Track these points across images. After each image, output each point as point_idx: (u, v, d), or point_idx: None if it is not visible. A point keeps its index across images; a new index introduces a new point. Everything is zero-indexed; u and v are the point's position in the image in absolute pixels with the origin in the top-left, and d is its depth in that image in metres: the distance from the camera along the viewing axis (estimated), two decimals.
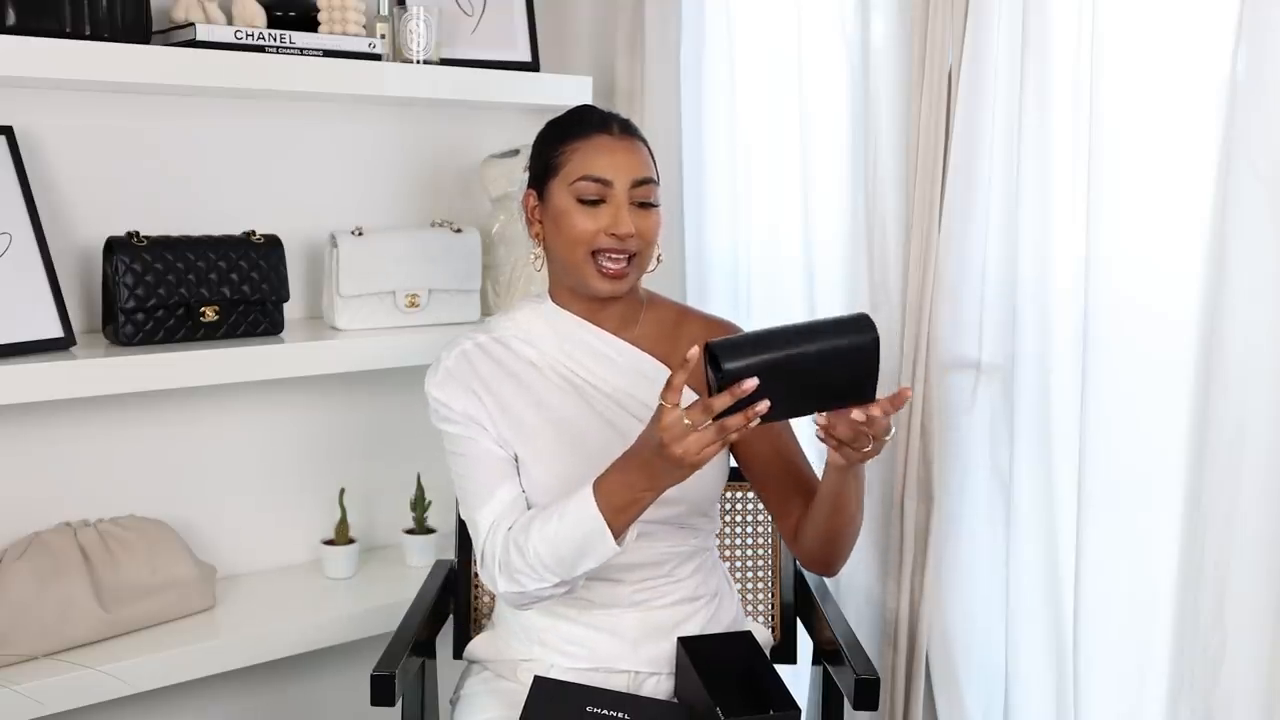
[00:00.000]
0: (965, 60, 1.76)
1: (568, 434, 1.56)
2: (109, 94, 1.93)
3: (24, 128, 1.85)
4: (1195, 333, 1.50)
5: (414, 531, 2.24)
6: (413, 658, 1.66)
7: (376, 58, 2.03)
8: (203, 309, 1.90)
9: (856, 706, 1.56)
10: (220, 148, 2.06)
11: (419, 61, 2.09)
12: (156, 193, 2.00)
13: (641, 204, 1.55)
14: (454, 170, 2.33)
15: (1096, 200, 1.58)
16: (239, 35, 1.90)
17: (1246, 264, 1.42)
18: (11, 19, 1.71)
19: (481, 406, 1.57)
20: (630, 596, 1.59)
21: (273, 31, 1.93)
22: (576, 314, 1.62)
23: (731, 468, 1.66)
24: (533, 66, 2.27)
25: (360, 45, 2.02)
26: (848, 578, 1.98)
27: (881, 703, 1.88)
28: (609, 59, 2.41)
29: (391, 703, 1.56)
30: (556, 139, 1.59)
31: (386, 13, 2.12)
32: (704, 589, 1.64)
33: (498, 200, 2.23)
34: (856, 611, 1.98)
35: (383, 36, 2.09)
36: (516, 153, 2.17)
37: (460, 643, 1.81)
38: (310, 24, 2.02)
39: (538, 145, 1.63)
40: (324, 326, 2.11)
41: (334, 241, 2.06)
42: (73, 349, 1.81)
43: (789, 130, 2.11)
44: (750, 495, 1.87)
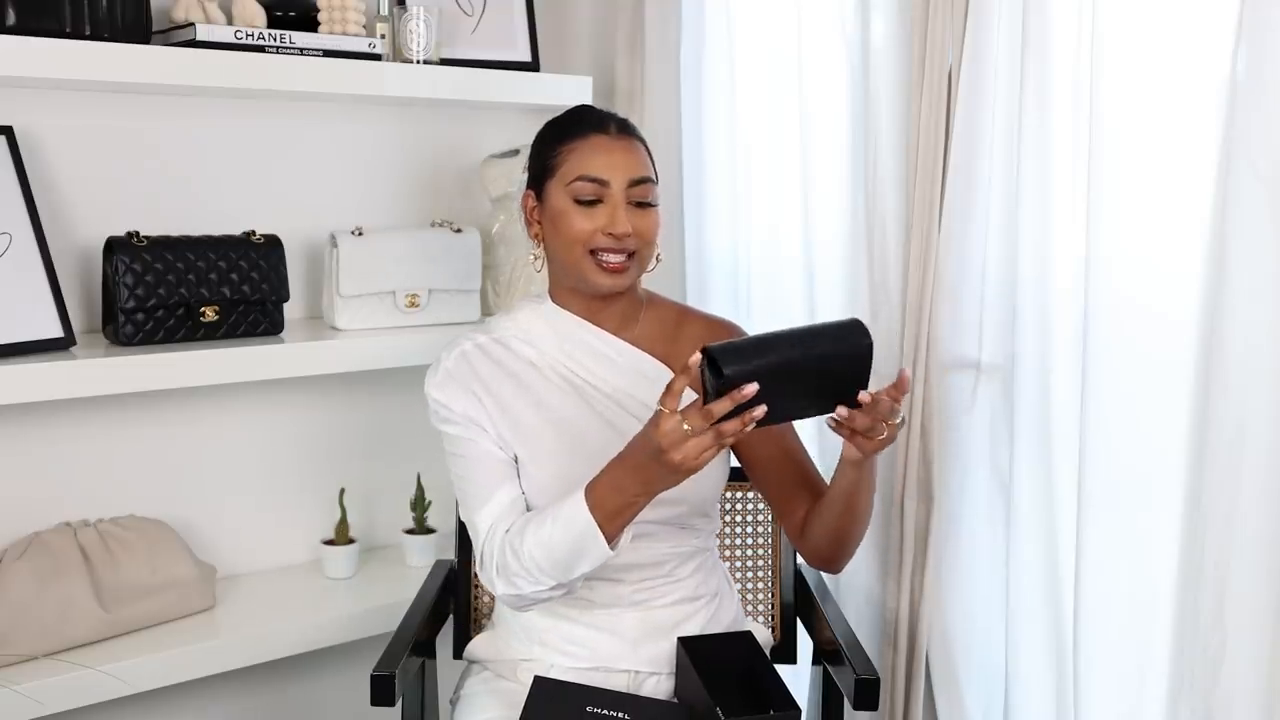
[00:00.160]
0: (965, 60, 1.76)
1: (568, 434, 1.56)
2: (109, 94, 1.93)
3: (24, 128, 1.85)
4: (1195, 333, 1.50)
5: (414, 531, 2.23)
6: (413, 658, 1.66)
7: (376, 58, 2.03)
8: (203, 309, 1.90)
9: (856, 706, 1.56)
10: (220, 148, 2.06)
11: (419, 61, 2.09)
12: (156, 193, 2.00)
13: (639, 203, 1.55)
14: (454, 170, 2.33)
15: (1096, 200, 1.58)
16: (239, 35, 1.90)
17: (1246, 264, 1.42)
18: (11, 19, 1.71)
19: (481, 408, 1.56)
20: (631, 596, 1.59)
21: (273, 31, 1.93)
22: (576, 314, 1.62)
23: (732, 467, 1.66)
24: (533, 66, 2.27)
25: (360, 45, 2.02)
26: (848, 578, 1.98)
27: (881, 703, 1.88)
28: (609, 59, 2.41)
29: (391, 703, 1.56)
30: (554, 139, 1.59)
31: (386, 13, 2.12)
32: (704, 589, 1.64)
33: (498, 200, 2.23)
34: (856, 611, 1.98)
35: (383, 36, 2.09)
36: (516, 153, 2.16)
37: (460, 643, 1.81)
38: (310, 24, 2.02)
39: (536, 146, 1.62)
40: (324, 326, 2.11)
41: (334, 241, 2.06)
42: (73, 349, 1.81)
43: (789, 130, 2.11)
44: (750, 495, 1.87)
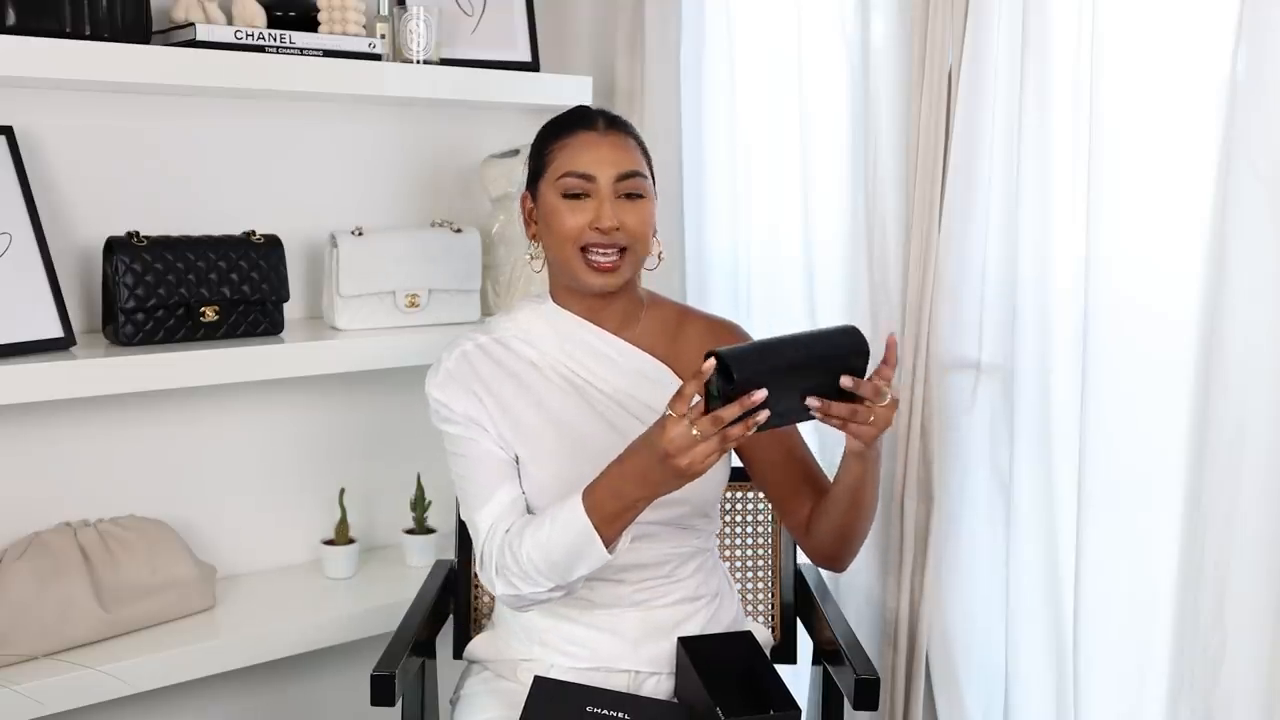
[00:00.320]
0: (965, 60, 1.76)
1: (568, 435, 1.56)
2: (109, 94, 1.93)
3: (24, 128, 1.85)
4: (1195, 333, 1.50)
5: (414, 531, 2.23)
6: (413, 658, 1.65)
7: (376, 58, 2.03)
8: (203, 309, 1.90)
9: (856, 706, 1.56)
10: (220, 148, 2.06)
11: (419, 61, 2.09)
12: (156, 193, 2.00)
13: (629, 196, 1.55)
14: (454, 170, 2.33)
15: (1096, 200, 1.58)
16: (239, 35, 1.90)
17: (1246, 264, 1.42)
18: (11, 19, 1.71)
19: (482, 408, 1.56)
20: (631, 596, 1.59)
21: (273, 31, 1.93)
22: (577, 314, 1.62)
23: (733, 468, 1.66)
24: (533, 66, 2.27)
25: (360, 45, 2.02)
26: (847, 578, 1.98)
27: (881, 703, 1.88)
28: (609, 59, 2.41)
29: (391, 703, 1.56)
30: (545, 139, 1.60)
31: (386, 13, 2.12)
32: (704, 589, 1.64)
33: (498, 200, 2.23)
34: (856, 611, 1.98)
35: (383, 36, 2.09)
36: (516, 153, 2.16)
37: (460, 643, 1.81)
38: (310, 24, 2.02)
39: (532, 147, 1.63)
40: (324, 326, 2.11)
41: (334, 241, 2.06)
42: (73, 349, 1.81)
43: (789, 130, 2.11)
44: (750, 495, 1.87)
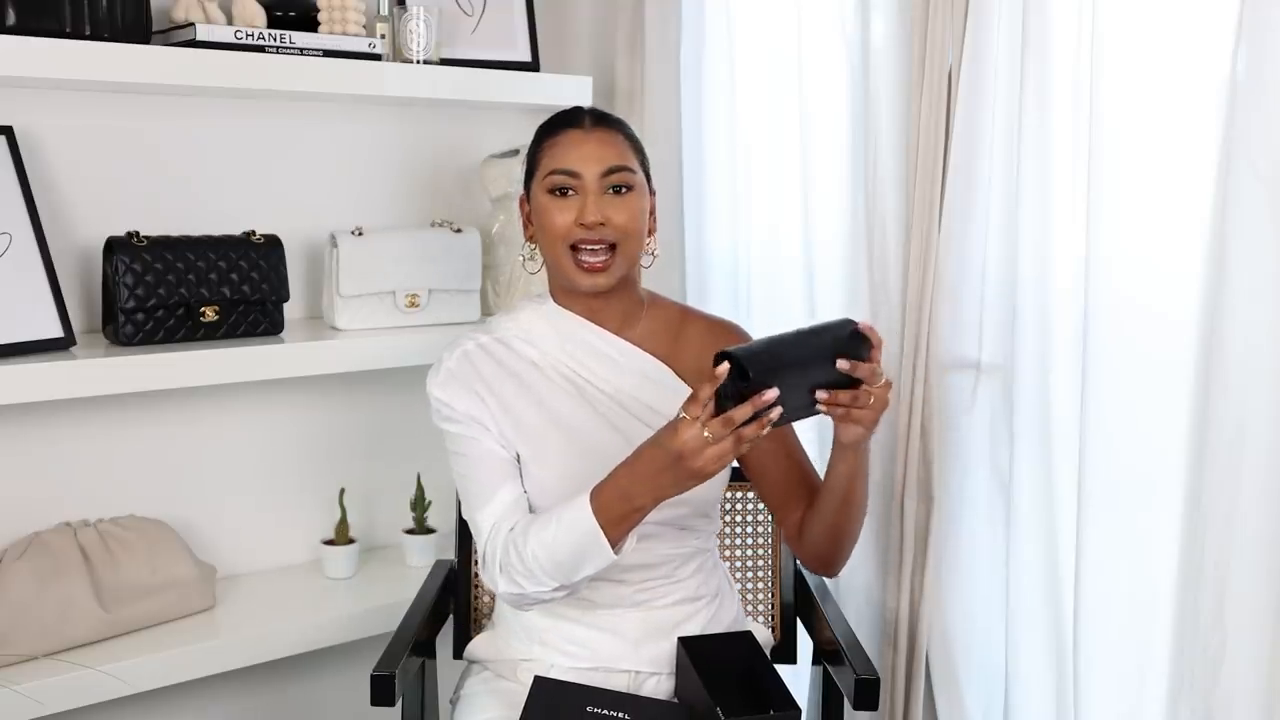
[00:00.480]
0: (965, 60, 1.76)
1: (570, 434, 1.56)
2: (109, 94, 1.93)
3: (24, 128, 1.85)
4: (1195, 333, 1.50)
5: (414, 531, 2.23)
6: (413, 658, 1.65)
7: (376, 58, 2.03)
8: (203, 309, 1.90)
9: (856, 706, 1.56)
10: (220, 148, 2.06)
11: (419, 61, 2.09)
12: (156, 193, 2.00)
13: (616, 190, 1.54)
14: (454, 170, 2.32)
15: (1096, 200, 1.58)
16: (239, 35, 1.90)
17: (1246, 264, 1.42)
18: (11, 19, 1.71)
19: (484, 407, 1.56)
20: (632, 597, 1.59)
21: (273, 31, 1.93)
22: (578, 314, 1.62)
23: (733, 468, 1.66)
24: (533, 66, 2.27)
25: (360, 45, 2.02)
26: (848, 578, 1.98)
27: (881, 703, 1.88)
28: (609, 59, 2.41)
29: (391, 703, 1.56)
30: (537, 140, 1.62)
31: (386, 13, 2.12)
32: (705, 589, 1.64)
33: (498, 200, 2.23)
34: (856, 611, 1.98)
35: (383, 36, 2.09)
36: (516, 153, 2.16)
37: (460, 643, 1.81)
38: (310, 24, 2.02)
39: (527, 150, 1.64)
40: (324, 326, 2.11)
41: (334, 241, 2.06)
42: (73, 349, 1.81)
43: (789, 130, 2.11)
44: (750, 495, 1.87)
